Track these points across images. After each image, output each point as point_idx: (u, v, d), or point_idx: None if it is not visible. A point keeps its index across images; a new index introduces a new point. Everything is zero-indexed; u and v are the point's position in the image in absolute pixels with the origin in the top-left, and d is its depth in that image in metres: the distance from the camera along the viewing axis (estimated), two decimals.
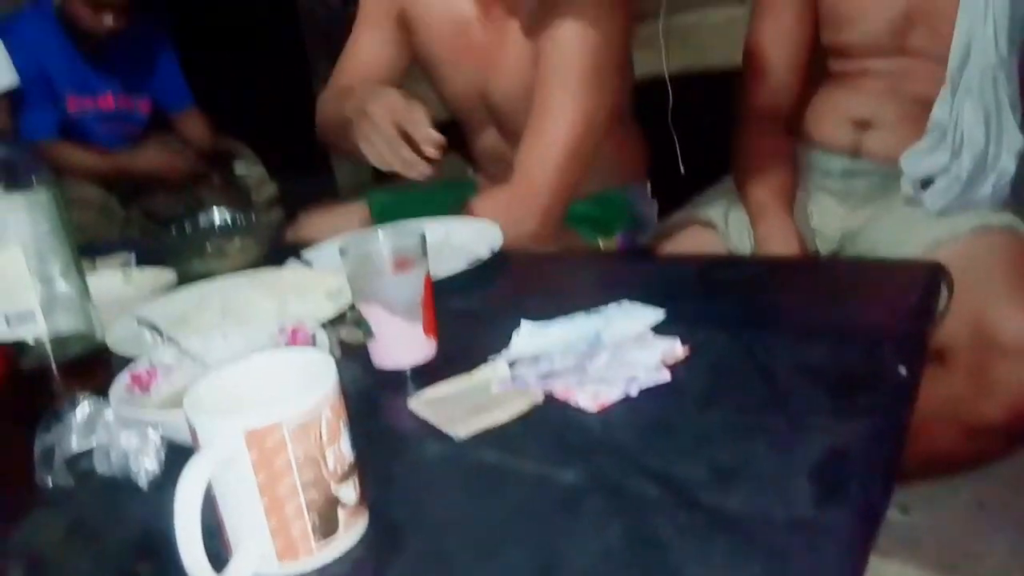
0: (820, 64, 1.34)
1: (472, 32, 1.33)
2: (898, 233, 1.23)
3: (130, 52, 2.43)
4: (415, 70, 1.46)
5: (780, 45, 1.31)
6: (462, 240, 1.17)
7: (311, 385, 0.53)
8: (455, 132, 1.52)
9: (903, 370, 0.65)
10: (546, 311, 0.85)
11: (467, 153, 1.58)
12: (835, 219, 1.35)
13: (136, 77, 2.51)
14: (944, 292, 0.82)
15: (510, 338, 0.82)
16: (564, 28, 1.21)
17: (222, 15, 3.54)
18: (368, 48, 1.43)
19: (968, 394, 1.06)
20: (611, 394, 0.69)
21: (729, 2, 2.41)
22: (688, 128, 2.52)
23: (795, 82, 1.33)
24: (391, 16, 1.40)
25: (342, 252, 0.81)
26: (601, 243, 1.38)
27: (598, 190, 1.39)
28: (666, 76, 2.51)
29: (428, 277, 0.81)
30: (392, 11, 1.40)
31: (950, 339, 1.06)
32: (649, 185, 1.59)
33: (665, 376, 0.71)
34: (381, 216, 1.42)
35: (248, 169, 2.63)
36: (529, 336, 0.83)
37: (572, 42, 1.21)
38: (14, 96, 1.96)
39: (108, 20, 2.26)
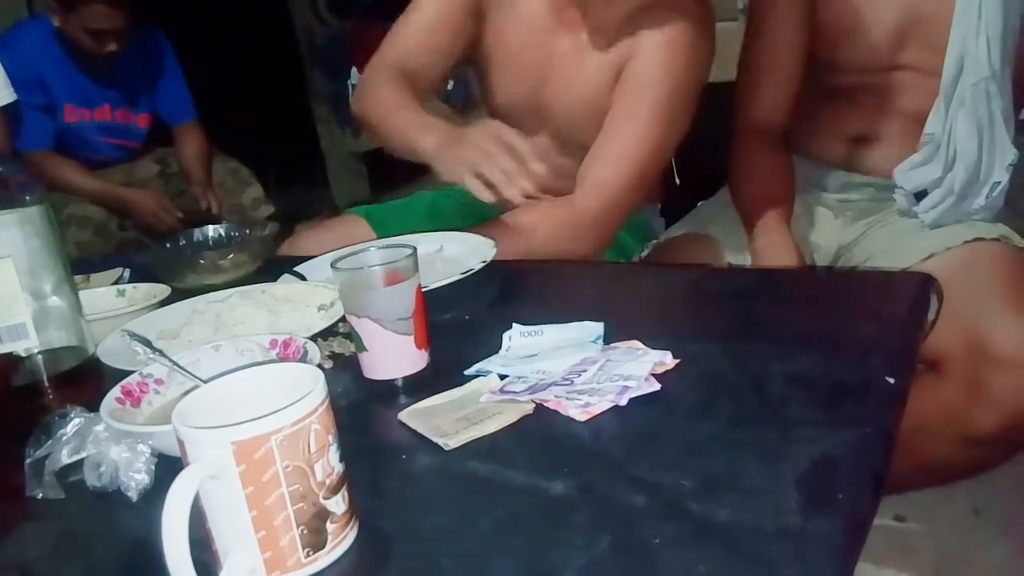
0: (816, 79, 1.35)
1: (545, 39, 1.31)
2: (892, 245, 1.24)
3: (130, 68, 2.44)
4: None
5: (775, 60, 1.31)
6: (455, 253, 1.17)
7: (300, 398, 0.53)
8: None
9: (891, 380, 0.66)
10: (538, 319, 0.86)
11: None
12: (832, 232, 1.35)
13: (135, 91, 2.52)
14: (934, 303, 0.82)
15: (501, 343, 0.83)
16: (651, 54, 1.22)
17: (219, 32, 3.56)
18: (427, 23, 1.34)
19: (963, 403, 1.06)
20: (601, 405, 0.69)
21: (723, 17, 2.42)
22: (683, 140, 2.53)
23: (790, 97, 1.33)
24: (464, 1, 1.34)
25: (334, 266, 0.82)
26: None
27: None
28: None
29: (420, 290, 0.81)
30: None
31: (944, 349, 1.06)
32: (659, 206, 1.61)
33: (655, 386, 0.71)
34: (382, 228, 1.42)
35: (243, 199, 2.62)
36: (520, 337, 0.85)
37: (657, 70, 1.22)
38: (11, 106, 1.97)
39: (109, 46, 2.28)
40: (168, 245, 1.30)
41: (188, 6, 3.31)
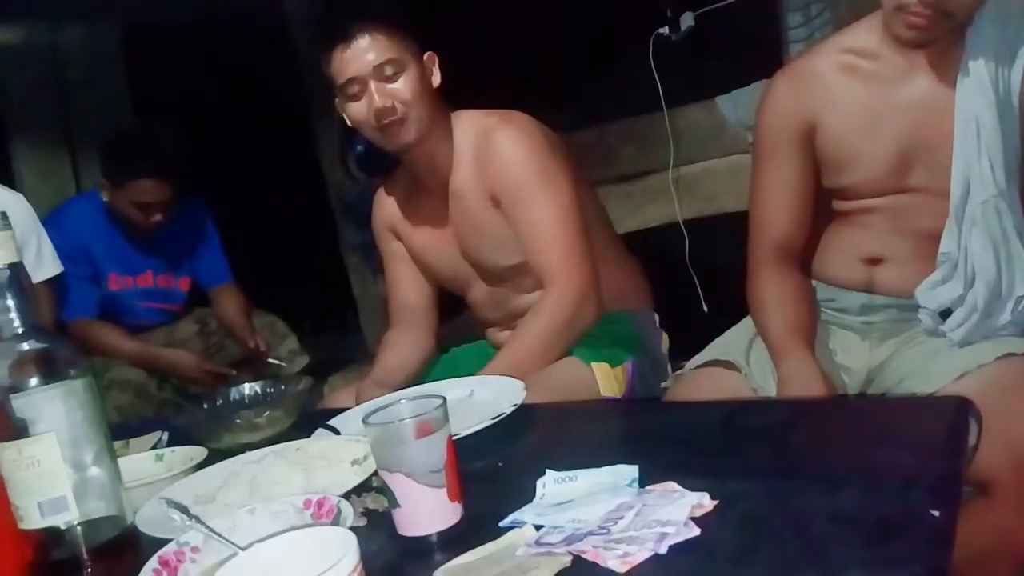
0: (827, 204, 1.37)
1: (433, 211, 1.56)
2: (924, 365, 1.22)
3: (172, 235, 2.55)
4: None
5: (782, 192, 1.35)
6: (486, 397, 1.18)
7: (332, 565, 0.53)
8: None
9: (936, 514, 0.64)
10: (570, 463, 0.85)
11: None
12: (859, 355, 1.34)
13: (177, 257, 2.62)
14: (973, 427, 0.80)
15: (535, 491, 0.82)
16: (502, 159, 1.44)
17: (255, 192, 3.74)
18: (393, 277, 1.68)
19: (1018, 525, 1.01)
20: (640, 554, 0.68)
21: (734, 151, 2.51)
22: (706, 269, 2.57)
23: (802, 221, 1.36)
24: (391, 239, 1.65)
25: (365, 421, 0.83)
26: (597, 371, 1.40)
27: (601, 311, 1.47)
28: (680, 221, 2.59)
29: (451, 440, 0.81)
30: (389, 235, 1.66)
31: (991, 471, 1.03)
32: (657, 317, 1.62)
33: (694, 531, 0.70)
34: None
35: (280, 352, 2.68)
36: (555, 483, 0.84)
37: (514, 165, 1.43)
38: (57, 277, 2.06)
39: (155, 217, 2.40)
40: (205, 406, 1.32)
41: (226, 171, 3.50)
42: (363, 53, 1.39)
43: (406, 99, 1.40)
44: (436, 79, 1.47)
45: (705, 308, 2.54)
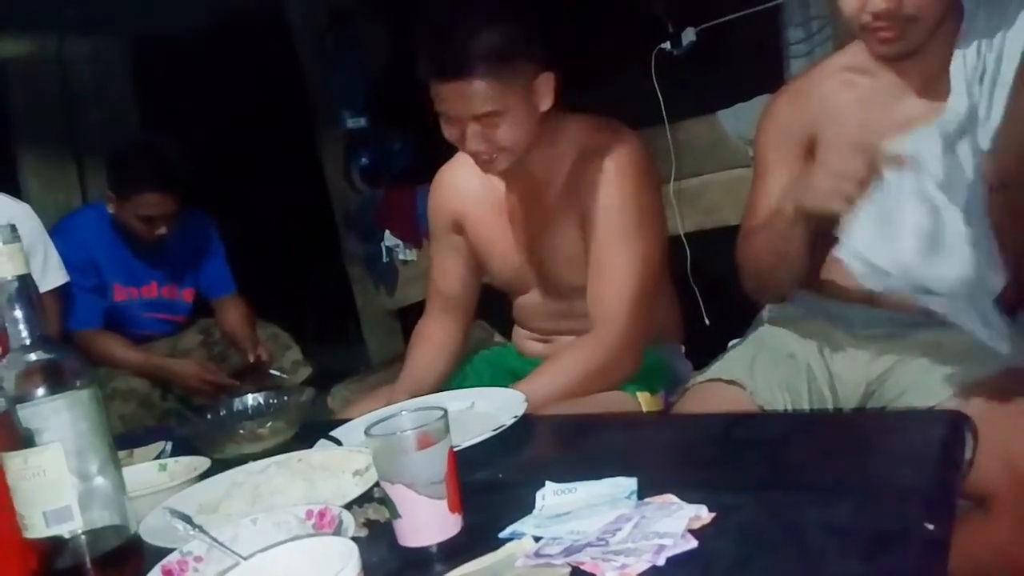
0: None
1: (511, 211, 1.49)
2: (923, 379, 1.22)
3: (177, 247, 2.56)
4: None
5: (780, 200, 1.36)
6: (487, 409, 1.19)
7: (334, 573, 0.54)
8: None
9: (931, 527, 0.64)
10: (570, 475, 0.86)
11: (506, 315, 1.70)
12: (858, 366, 1.34)
13: (181, 269, 2.64)
14: (969, 441, 0.81)
15: (535, 502, 0.83)
16: (604, 190, 1.36)
17: (259, 204, 3.76)
18: (441, 266, 1.61)
19: (1016, 539, 1.01)
20: (638, 565, 0.69)
21: (735, 165, 2.53)
22: (708, 281, 2.58)
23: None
24: (449, 229, 1.58)
25: (367, 432, 0.84)
26: (642, 400, 1.40)
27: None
28: (682, 234, 2.61)
29: (452, 452, 0.82)
30: (448, 223, 1.58)
31: (989, 484, 1.03)
32: (683, 348, 1.63)
33: (692, 543, 0.70)
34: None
35: (282, 363, 2.69)
36: (554, 495, 0.85)
37: (614, 201, 1.35)
38: (63, 287, 2.08)
39: (160, 230, 2.42)
40: (208, 416, 1.33)
41: (231, 181, 3.52)
42: (464, 98, 1.27)
43: (503, 144, 1.32)
44: (546, 104, 1.35)
45: (707, 320, 2.54)
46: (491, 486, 0.93)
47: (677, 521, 0.74)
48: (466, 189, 1.54)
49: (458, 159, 1.54)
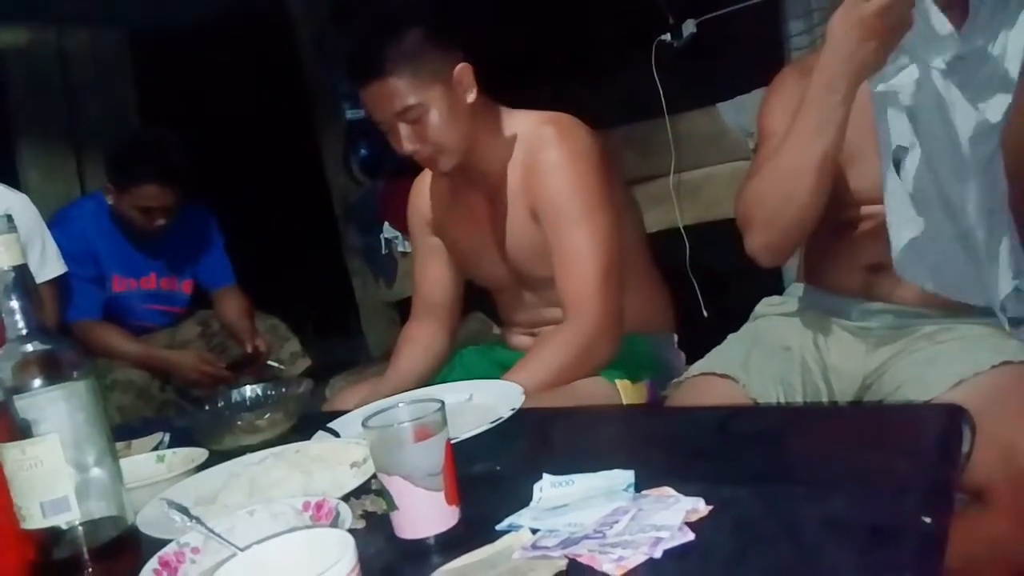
0: (827, 212, 1.37)
1: (476, 211, 1.53)
2: (920, 373, 1.22)
3: (176, 239, 2.56)
4: None
5: None
6: (485, 401, 1.19)
7: (329, 566, 0.54)
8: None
9: (928, 520, 0.64)
10: (567, 467, 0.86)
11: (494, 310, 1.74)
12: (856, 358, 1.34)
13: (180, 261, 2.64)
14: (966, 435, 0.81)
15: (532, 494, 0.83)
16: (552, 179, 1.39)
17: (258, 196, 3.75)
18: (422, 271, 1.66)
19: (1013, 533, 1.02)
20: (635, 558, 0.69)
21: (735, 158, 2.52)
22: (707, 274, 2.58)
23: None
24: (427, 234, 1.63)
25: (364, 424, 0.84)
26: (621, 388, 1.40)
27: (623, 334, 1.44)
28: (680, 227, 2.60)
29: (449, 444, 0.82)
30: (425, 228, 1.63)
31: (987, 478, 1.03)
32: (676, 338, 1.62)
33: (689, 536, 0.70)
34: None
35: (281, 355, 2.69)
36: (551, 487, 0.85)
37: (563, 184, 1.38)
38: (62, 277, 2.08)
39: (159, 221, 2.42)
40: (207, 408, 1.33)
41: (231, 173, 3.52)
42: (383, 99, 1.34)
43: (436, 139, 1.37)
44: (471, 96, 1.39)
45: (705, 313, 2.54)
46: (488, 478, 0.93)
47: (674, 514, 0.74)
48: (438, 192, 1.60)
49: None
